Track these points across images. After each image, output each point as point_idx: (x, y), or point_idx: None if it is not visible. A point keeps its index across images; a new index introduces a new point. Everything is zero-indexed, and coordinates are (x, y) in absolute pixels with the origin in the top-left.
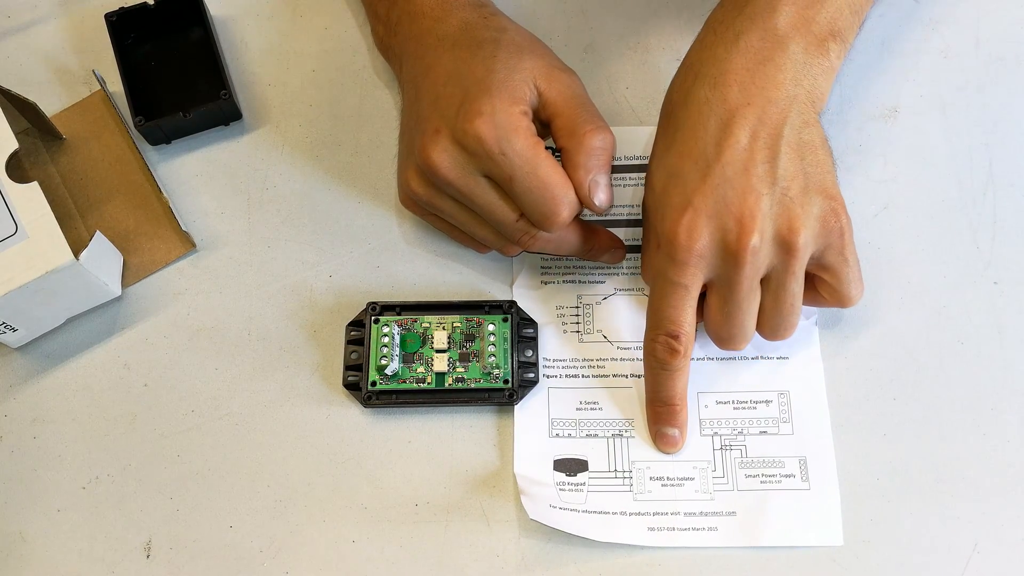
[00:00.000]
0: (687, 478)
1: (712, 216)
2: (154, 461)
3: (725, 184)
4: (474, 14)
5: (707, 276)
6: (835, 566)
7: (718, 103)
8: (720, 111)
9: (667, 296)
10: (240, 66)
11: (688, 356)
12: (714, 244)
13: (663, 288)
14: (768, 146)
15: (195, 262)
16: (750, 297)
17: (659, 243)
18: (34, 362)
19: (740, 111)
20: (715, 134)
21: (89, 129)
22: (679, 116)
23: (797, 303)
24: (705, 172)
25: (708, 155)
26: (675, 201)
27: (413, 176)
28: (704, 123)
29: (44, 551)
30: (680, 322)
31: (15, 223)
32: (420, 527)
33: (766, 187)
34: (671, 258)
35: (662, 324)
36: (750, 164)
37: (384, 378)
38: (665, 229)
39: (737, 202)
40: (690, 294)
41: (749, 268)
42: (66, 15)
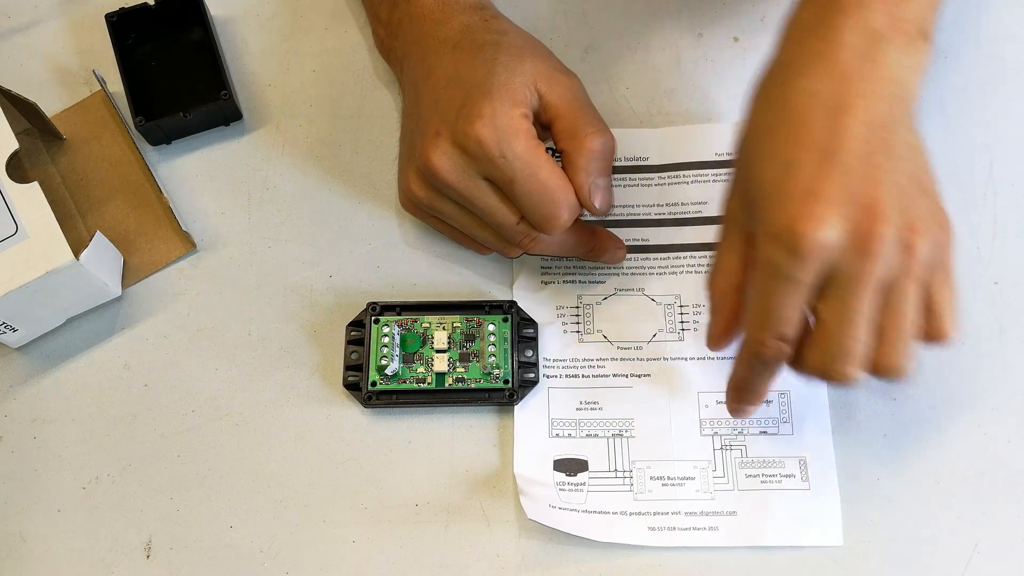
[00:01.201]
0: (687, 478)
1: (839, 204)
2: (154, 461)
3: (849, 173)
4: (475, 17)
5: (825, 273)
6: (835, 566)
7: (827, 94)
8: (829, 102)
9: (782, 293)
10: (240, 66)
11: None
12: (841, 235)
13: (776, 284)
14: (883, 140)
15: (195, 262)
16: (873, 302)
17: (772, 235)
18: (34, 362)
19: (851, 102)
20: (828, 124)
21: (89, 129)
22: (780, 107)
23: (916, 320)
24: (826, 160)
25: (825, 144)
26: (794, 190)
27: (414, 179)
28: (814, 113)
29: (44, 551)
30: (793, 323)
31: (15, 223)
32: (420, 527)
33: (887, 178)
34: (792, 251)
35: (774, 324)
36: (870, 155)
37: (384, 378)
38: (784, 220)
39: (864, 191)
40: (807, 292)
41: (879, 261)
42: (66, 15)
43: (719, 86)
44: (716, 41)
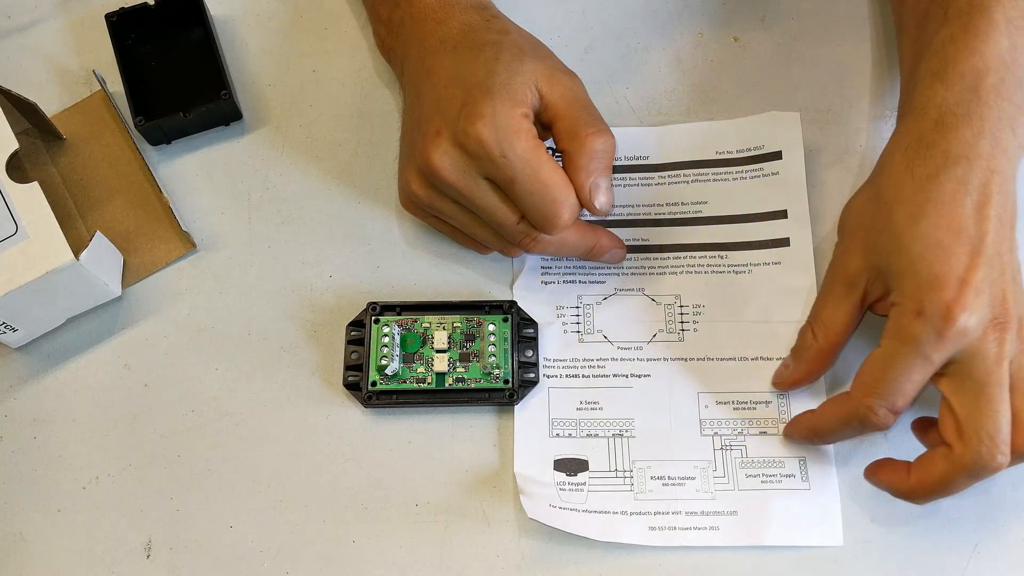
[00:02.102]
0: (688, 478)
1: (984, 294)
2: (154, 461)
3: (990, 264)
4: (476, 17)
5: (953, 356)
6: (835, 566)
7: (974, 185)
8: (975, 193)
9: (911, 368)
10: (240, 66)
11: None
12: (982, 323)
13: (911, 359)
14: (1009, 236)
15: (195, 262)
16: (1007, 381)
17: (918, 312)
18: (34, 362)
19: (992, 196)
20: (975, 215)
21: (89, 129)
22: (929, 191)
23: None
24: (974, 250)
25: (972, 232)
26: (950, 276)
27: (414, 178)
28: (962, 201)
29: (44, 551)
30: (909, 398)
31: (15, 223)
32: (420, 527)
33: (1009, 271)
34: (939, 333)
35: (891, 394)
36: (1002, 247)
37: (384, 378)
38: (939, 303)
39: (999, 281)
40: (932, 372)
41: (1009, 345)
42: (66, 15)
43: (719, 86)
44: (716, 41)
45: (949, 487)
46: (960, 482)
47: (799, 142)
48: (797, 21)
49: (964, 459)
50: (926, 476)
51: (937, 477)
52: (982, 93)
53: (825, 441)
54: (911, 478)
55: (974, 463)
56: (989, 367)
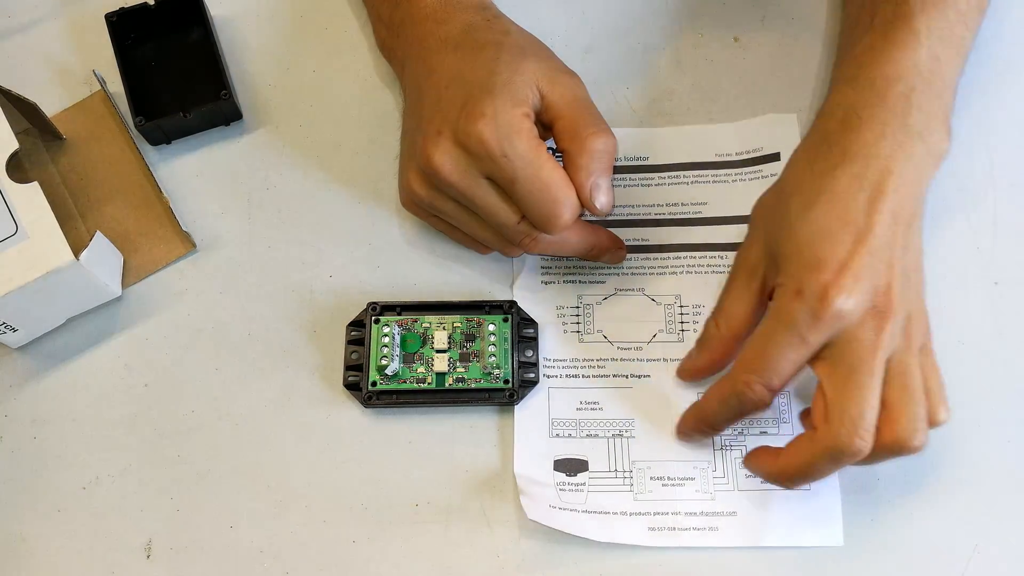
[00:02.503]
0: (688, 478)
1: (864, 280)
2: (154, 461)
3: (875, 254)
4: (477, 16)
5: (830, 341)
6: (835, 566)
7: (868, 182)
8: (869, 189)
9: (788, 347)
10: (240, 66)
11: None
12: (859, 308)
13: (788, 338)
14: (900, 233)
15: (195, 262)
16: (880, 371)
17: (797, 292)
18: (34, 362)
19: (886, 194)
20: (866, 208)
21: (89, 129)
22: (829, 184)
23: (919, 391)
24: (860, 240)
25: (860, 223)
26: (830, 259)
27: (415, 178)
28: (855, 195)
29: (44, 552)
30: (785, 377)
31: (15, 223)
32: (420, 527)
33: (898, 266)
34: (814, 312)
35: (767, 371)
36: (892, 242)
37: (384, 378)
38: (816, 284)
39: (884, 272)
40: (809, 354)
41: (887, 336)
42: (66, 15)
43: (719, 86)
44: (716, 41)
45: (812, 470)
46: (822, 465)
47: (796, 143)
48: (797, 21)
49: (825, 441)
50: (792, 459)
51: (801, 459)
52: (889, 99)
53: (715, 427)
54: (779, 460)
55: (834, 445)
56: (863, 353)
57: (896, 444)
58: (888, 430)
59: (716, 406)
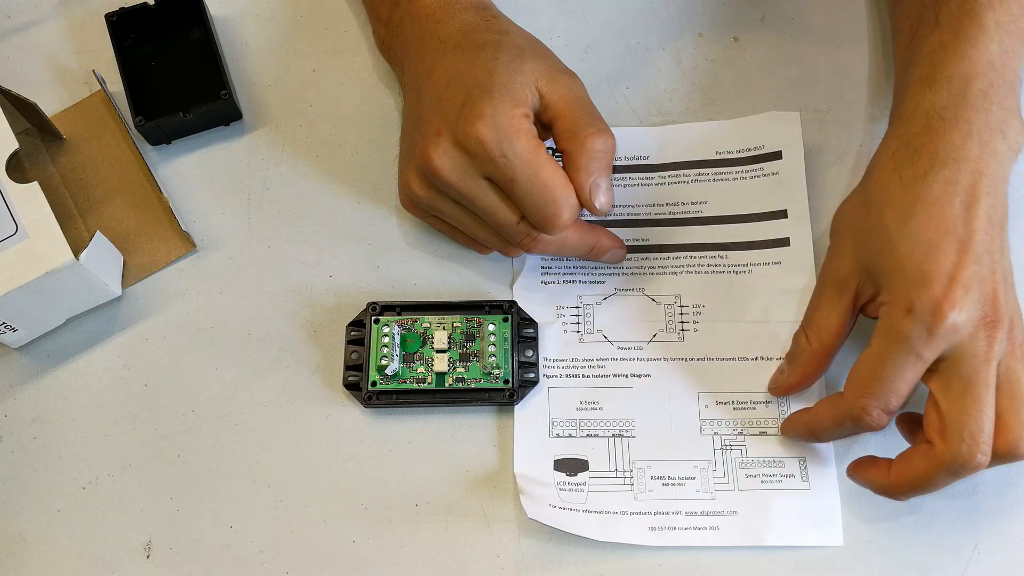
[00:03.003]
0: (688, 477)
1: (973, 291)
2: (154, 461)
3: (979, 261)
4: (476, 16)
5: (943, 354)
6: (835, 566)
7: (962, 186)
8: (964, 193)
9: (903, 366)
10: (240, 66)
11: None
12: (972, 320)
13: (902, 357)
14: (996, 236)
15: (195, 262)
16: (993, 381)
17: (908, 309)
18: (34, 362)
19: (980, 196)
20: (963, 214)
21: (89, 129)
22: (923, 191)
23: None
24: (964, 250)
25: (960, 231)
26: (939, 273)
27: (414, 178)
28: (951, 200)
29: (44, 551)
30: (902, 397)
31: (15, 223)
32: (420, 527)
33: (999, 270)
34: (929, 328)
35: (884, 393)
36: (991, 247)
37: (384, 378)
38: (928, 300)
39: (989, 279)
40: (924, 369)
41: (998, 345)
42: (66, 15)
43: (719, 86)
44: (716, 41)
45: (929, 484)
46: (939, 480)
47: (799, 142)
48: (797, 21)
49: (945, 457)
50: (906, 472)
51: (917, 474)
52: (970, 98)
53: (821, 440)
54: (891, 474)
55: (954, 461)
56: (977, 366)
57: (1009, 452)
58: (1003, 439)
59: (830, 426)
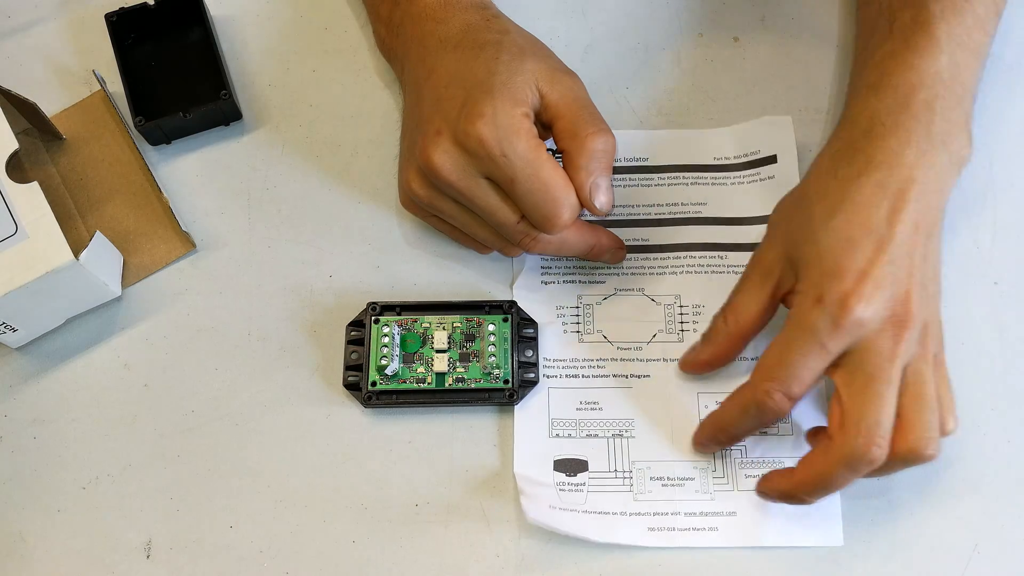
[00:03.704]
0: (687, 478)
1: (884, 289)
2: (154, 461)
3: (895, 262)
4: (476, 16)
5: (849, 349)
6: (835, 566)
7: (891, 190)
8: (892, 197)
9: (808, 354)
10: (240, 66)
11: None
12: (878, 316)
13: (808, 345)
14: (920, 242)
15: (195, 262)
16: (897, 380)
17: (818, 299)
18: (34, 362)
19: (907, 203)
20: (887, 216)
21: (89, 129)
22: (853, 191)
23: (934, 400)
24: (880, 247)
25: (882, 231)
26: (851, 267)
27: (414, 177)
28: (878, 202)
29: (44, 551)
30: (805, 385)
31: (15, 223)
32: (420, 527)
33: (917, 275)
34: (835, 320)
35: (787, 379)
36: (912, 251)
37: (384, 378)
38: (837, 292)
39: (904, 281)
40: (828, 361)
41: (905, 345)
42: (66, 15)
43: (719, 86)
44: (716, 41)
45: (829, 480)
46: (839, 474)
47: (792, 145)
48: (797, 21)
49: (842, 450)
50: (807, 471)
51: (817, 471)
52: (913, 107)
53: (731, 437)
54: (794, 476)
55: (851, 453)
56: (881, 362)
57: (910, 453)
58: (902, 439)
59: (735, 414)
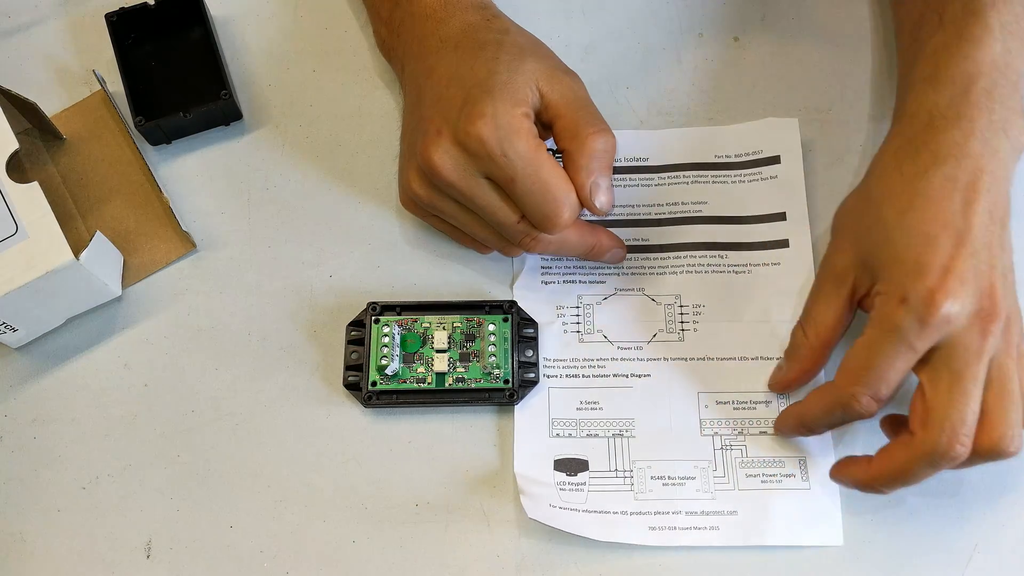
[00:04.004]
0: (688, 477)
1: (969, 283)
2: (154, 461)
3: (976, 255)
4: (476, 16)
5: (936, 345)
6: (835, 566)
7: (962, 182)
8: (963, 190)
9: (895, 356)
10: (240, 66)
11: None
12: (966, 312)
13: (895, 347)
14: (996, 231)
15: (195, 262)
16: (983, 376)
17: (902, 299)
18: (34, 362)
19: (980, 192)
20: (962, 209)
21: (89, 129)
22: (923, 187)
23: (1018, 395)
24: (961, 242)
25: (959, 224)
26: (934, 264)
27: (414, 177)
28: (950, 196)
29: (44, 551)
30: (893, 386)
31: (15, 223)
32: (420, 527)
33: (999, 265)
34: (921, 318)
35: (875, 382)
36: (991, 242)
37: (384, 378)
38: (922, 289)
39: (987, 273)
40: (916, 360)
41: (992, 340)
42: (66, 15)
43: (719, 86)
44: (716, 41)
45: (909, 475)
46: (919, 470)
47: (797, 147)
48: (797, 21)
49: (925, 446)
50: (887, 464)
51: (897, 464)
52: (972, 97)
53: (813, 431)
54: (872, 467)
55: (934, 451)
56: (969, 358)
57: (993, 450)
58: (986, 436)
59: (819, 414)
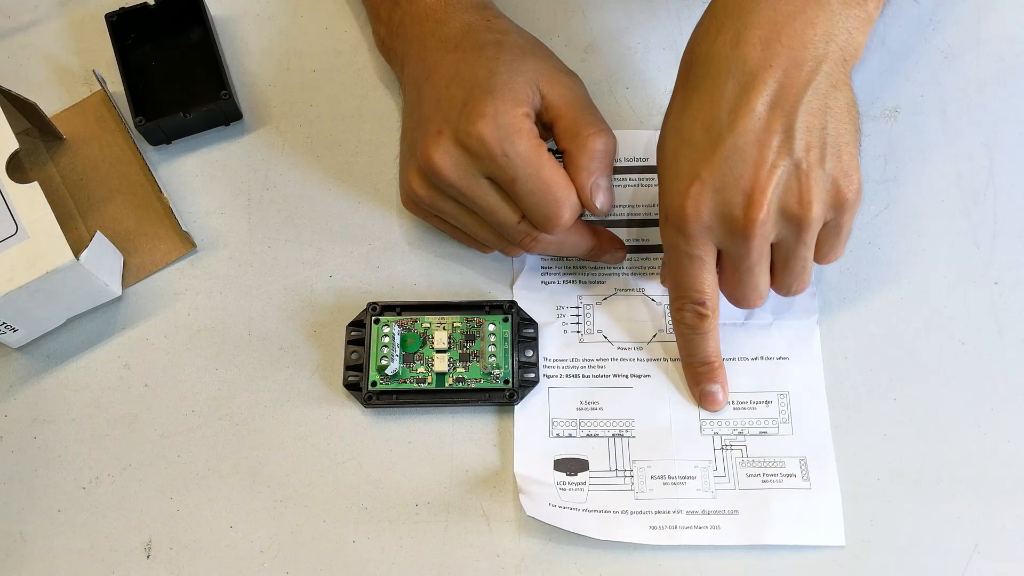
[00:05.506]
0: (688, 477)
1: (719, 190)
2: (154, 461)
3: (736, 156)
4: (477, 16)
5: (717, 245)
6: (836, 566)
7: (738, 64)
8: (739, 74)
9: (684, 267)
10: (240, 66)
11: (716, 317)
12: (720, 218)
13: (678, 259)
14: (786, 114)
15: (195, 262)
16: (761, 263)
17: (665, 216)
18: (34, 362)
19: (760, 75)
20: (731, 100)
21: (89, 129)
22: (698, 74)
23: (809, 264)
24: (716, 142)
25: (721, 123)
26: (683, 171)
27: (415, 177)
28: (721, 86)
29: (44, 551)
30: (702, 289)
31: (15, 223)
32: (420, 527)
33: (780, 159)
34: (679, 230)
35: (686, 293)
36: (764, 135)
37: (384, 378)
38: (672, 200)
39: (747, 175)
40: (705, 262)
41: (756, 241)
42: (66, 15)
43: None
44: None
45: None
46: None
47: None
48: None
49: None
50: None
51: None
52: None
53: (704, 357)
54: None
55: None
56: (739, 260)
57: (784, 292)
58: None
59: (684, 345)
